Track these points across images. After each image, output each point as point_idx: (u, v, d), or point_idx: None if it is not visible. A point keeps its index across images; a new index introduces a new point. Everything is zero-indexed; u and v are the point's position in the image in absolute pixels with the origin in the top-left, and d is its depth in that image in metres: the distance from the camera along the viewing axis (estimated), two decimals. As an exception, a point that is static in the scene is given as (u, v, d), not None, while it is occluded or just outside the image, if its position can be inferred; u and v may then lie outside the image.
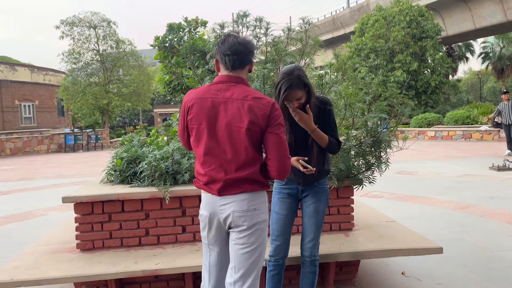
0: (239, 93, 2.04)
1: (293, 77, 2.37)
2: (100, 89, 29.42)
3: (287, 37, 3.86)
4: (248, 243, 2.10)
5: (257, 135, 2.04)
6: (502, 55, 43.01)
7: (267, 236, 2.23)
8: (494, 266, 3.88)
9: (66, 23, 29.06)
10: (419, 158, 12.41)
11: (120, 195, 3.21)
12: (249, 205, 2.08)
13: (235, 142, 2.03)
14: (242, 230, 2.10)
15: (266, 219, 2.17)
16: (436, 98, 27.60)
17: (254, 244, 2.11)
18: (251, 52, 2.11)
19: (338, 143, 2.61)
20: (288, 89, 2.36)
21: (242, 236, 2.10)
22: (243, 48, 2.06)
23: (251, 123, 2.00)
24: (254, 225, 2.10)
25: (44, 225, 5.91)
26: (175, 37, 7.31)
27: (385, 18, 27.05)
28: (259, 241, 2.13)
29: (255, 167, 2.07)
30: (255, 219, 2.10)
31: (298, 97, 2.40)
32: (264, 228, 2.16)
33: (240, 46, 2.06)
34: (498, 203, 6.38)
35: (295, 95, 2.39)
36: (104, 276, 2.84)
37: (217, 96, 2.06)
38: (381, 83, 24.38)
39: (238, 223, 2.09)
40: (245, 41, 2.09)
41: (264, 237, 2.17)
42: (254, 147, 2.05)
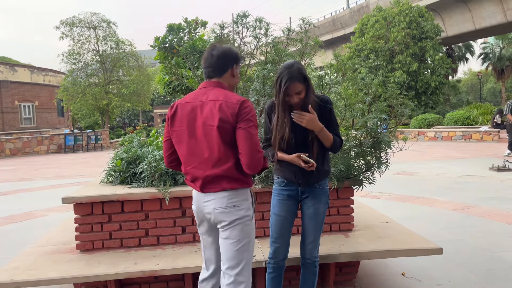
0: (214, 95, 2.21)
1: (293, 70, 2.40)
2: (100, 90, 29.42)
3: (287, 37, 3.86)
4: (231, 237, 2.24)
5: (228, 133, 2.16)
6: (502, 56, 43.00)
7: (254, 228, 2.31)
8: (494, 267, 3.88)
9: (66, 24, 29.05)
10: (419, 159, 12.41)
11: (120, 196, 3.21)
12: (228, 203, 2.22)
13: (209, 140, 2.18)
14: (224, 226, 2.24)
15: (249, 215, 2.26)
16: (436, 98, 27.61)
17: (236, 238, 2.23)
18: (226, 61, 2.25)
19: (341, 140, 2.60)
20: (288, 81, 2.38)
21: (224, 230, 2.25)
22: (216, 60, 2.24)
23: (221, 121, 2.14)
24: (234, 221, 2.22)
25: (43, 225, 5.91)
26: (175, 37, 7.31)
27: (385, 19, 27.06)
28: (242, 234, 2.24)
29: (229, 163, 2.19)
30: (234, 215, 2.22)
31: (298, 91, 2.41)
32: (247, 223, 2.26)
33: (213, 59, 2.25)
34: (498, 204, 6.37)
35: (295, 88, 2.40)
36: (104, 276, 2.83)
37: (195, 100, 2.25)
38: (381, 83, 24.37)
39: (219, 219, 2.24)
40: (219, 53, 2.25)
41: (249, 231, 2.27)
42: (227, 144, 2.18)
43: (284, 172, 2.60)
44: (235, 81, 2.34)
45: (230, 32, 3.81)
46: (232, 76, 2.30)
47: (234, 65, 2.29)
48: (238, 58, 2.31)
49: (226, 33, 3.80)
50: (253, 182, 2.33)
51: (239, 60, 2.32)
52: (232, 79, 2.31)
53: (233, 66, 2.29)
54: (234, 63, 2.29)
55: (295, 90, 2.41)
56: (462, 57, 45.40)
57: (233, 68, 2.29)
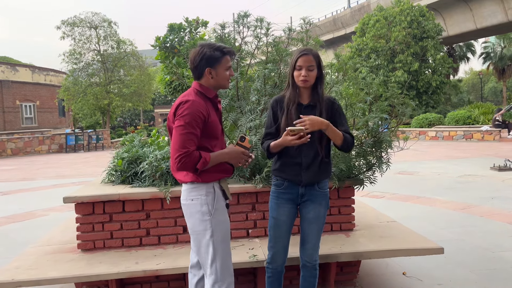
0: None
1: (311, 49, 2.49)
2: (101, 90, 29.42)
3: (288, 37, 3.86)
4: (191, 230, 2.33)
5: (171, 131, 2.29)
6: (503, 55, 42.93)
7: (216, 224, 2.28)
8: (495, 267, 3.88)
9: (67, 24, 29.06)
10: (420, 159, 12.40)
11: (121, 195, 3.21)
12: (186, 196, 2.32)
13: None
14: (186, 218, 2.36)
15: (204, 210, 2.27)
16: (437, 98, 27.58)
17: (195, 231, 2.30)
18: (198, 66, 2.28)
19: (352, 139, 2.54)
20: (304, 52, 2.43)
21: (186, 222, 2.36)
22: (191, 65, 2.31)
23: (169, 121, 2.30)
24: (191, 215, 2.30)
25: (45, 225, 5.91)
26: (176, 37, 7.31)
27: (386, 18, 27.04)
28: (200, 228, 2.28)
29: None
30: (190, 208, 2.30)
31: (310, 64, 2.42)
32: (202, 218, 2.27)
33: (189, 64, 2.32)
34: (499, 204, 6.37)
35: (308, 60, 2.42)
36: (105, 276, 2.84)
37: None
38: (382, 83, 24.07)
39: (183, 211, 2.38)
40: (191, 58, 2.30)
41: (206, 226, 2.27)
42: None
43: (284, 172, 2.53)
44: (217, 81, 2.31)
45: (231, 31, 3.81)
46: (211, 78, 2.29)
47: (208, 68, 2.26)
48: (211, 59, 2.26)
49: (227, 32, 3.80)
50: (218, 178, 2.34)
51: (214, 61, 2.26)
52: (212, 80, 2.30)
53: (208, 69, 2.26)
54: (208, 66, 2.26)
55: (307, 62, 2.42)
56: (463, 56, 45.36)
57: (209, 70, 2.27)
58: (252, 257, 3.00)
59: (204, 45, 2.28)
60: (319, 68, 2.48)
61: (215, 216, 2.29)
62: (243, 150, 2.31)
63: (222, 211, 2.33)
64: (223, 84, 2.36)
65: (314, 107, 2.49)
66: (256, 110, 3.44)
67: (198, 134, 2.20)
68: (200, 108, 2.21)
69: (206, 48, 2.26)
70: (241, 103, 3.58)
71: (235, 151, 2.30)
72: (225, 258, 2.31)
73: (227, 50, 2.31)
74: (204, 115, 2.21)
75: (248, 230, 3.42)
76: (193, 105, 2.19)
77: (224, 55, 2.29)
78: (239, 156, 2.31)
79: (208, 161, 2.20)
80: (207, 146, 2.28)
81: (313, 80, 2.46)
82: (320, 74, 2.49)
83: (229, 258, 2.35)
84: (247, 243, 3.29)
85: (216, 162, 2.26)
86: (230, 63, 2.35)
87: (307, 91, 2.52)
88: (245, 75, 3.86)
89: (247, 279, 3.41)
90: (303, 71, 2.43)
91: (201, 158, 2.17)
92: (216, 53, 2.26)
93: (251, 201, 3.40)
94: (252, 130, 3.39)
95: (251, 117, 3.38)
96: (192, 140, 2.16)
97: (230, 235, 2.38)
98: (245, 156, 2.32)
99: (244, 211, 3.41)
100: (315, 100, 2.49)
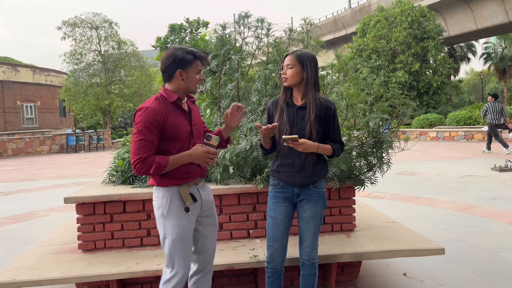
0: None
1: (298, 50, 2.58)
2: (101, 90, 29.43)
3: (288, 38, 3.86)
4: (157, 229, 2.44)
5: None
6: (504, 56, 42.88)
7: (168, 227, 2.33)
8: (496, 267, 3.87)
9: (68, 24, 29.09)
10: (420, 159, 12.39)
11: (121, 196, 3.21)
12: (153, 197, 2.42)
13: None
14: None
15: (162, 213, 2.35)
16: (437, 98, 27.55)
17: (160, 232, 2.38)
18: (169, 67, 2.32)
19: (342, 146, 2.62)
20: (287, 53, 2.60)
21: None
22: (161, 67, 2.35)
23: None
24: (155, 215, 2.39)
25: (46, 225, 5.92)
26: (177, 38, 7.32)
27: (386, 19, 27.02)
28: (163, 230, 2.36)
29: None
30: (155, 209, 2.40)
31: (289, 63, 2.54)
32: (158, 219, 2.37)
33: (160, 66, 2.36)
34: (500, 204, 6.36)
35: (288, 59, 2.55)
36: (106, 276, 2.84)
37: None
38: (382, 83, 24.06)
39: None
40: (162, 59, 2.34)
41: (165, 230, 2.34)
42: None
43: (279, 173, 2.60)
44: (187, 84, 2.35)
45: (231, 32, 3.81)
46: (181, 80, 2.33)
47: (180, 70, 2.30)
48: (183, 62, 2.30)
49: (228, 33, 3.81)
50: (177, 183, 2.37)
51: (185, 63, 2.31)
52: (182, 83, 2.33)
53: (179, 71, 2.30)
54: (179, 68, 2.30)
55: (287, 61, 2.54)
56: (464, 57, 45.30)
57: (180, 72, 2.31)
58: (253, 257, 3.00)
59: (176, 48, 2.33)
60: (308, 69, 2.51)
61: (168, 219, 2.34)
62: (206, 149, 2.32)
63: (178, 214, 2.34)
64: (193, 88, 2.39)
65: (306, 108, 2.54)
66: (257, 110, 3.45)
67: (152, 139, 2.25)
68: (154, 114, 2.24)
69: (179, 50, 2.31)
70: (241, 104, 3.58)
71: (197, 151, 2.32)
72: (180, 258, 2.36)
73: (199, 55, 2.36)
74: (159, 120, 2.25)
75: (249, 231, 3.42)
76: (146, 112, 2.24)
77: (196, 59, 2.34)
78: (203, 155, 2.32)
79: (165, 165, 2.25)
80: (168, 149, 2.32)
81: (293, 78, 2.53)
82: (312, 76, 2.51)
83: (183, 259, 2.37)
84: (248, 244, 3.30)
85: (177, 163, 2.31)
86: (201, 68, 2.39)
87: (300, 93, 2.57)
88: (245, 75, 3.87)
89: (248, 280, 3.41)
90: (284, 71, 2.56)
91: (155, 163, 2.22)
92: (188, 56, 2.31)
93: (251, 202, 3.41)
94: (252, 131, 3.40)
95: (252, 118, 3.39)
96: (146, 146, 2.23)
97: (188, 238, 2.38)
98: (209, 155, 2.33)
99: (245, 212, 3.41)
100: (306, 101, 2.54)
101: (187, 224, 2.36)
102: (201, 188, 2.49)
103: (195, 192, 2.42)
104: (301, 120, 2.52)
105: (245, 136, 3.38)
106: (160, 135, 2.28)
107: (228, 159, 3.38)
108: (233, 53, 3.63)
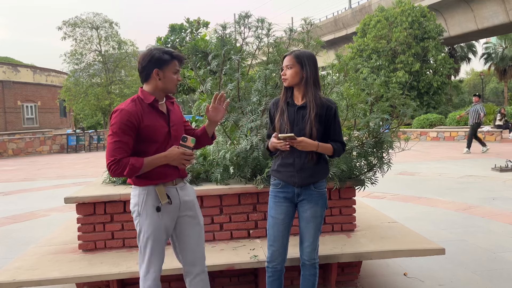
0: None
1: (297, 50, 2.59)
2: (102, 90, 29.45)
3: (289, 38, 3.86)
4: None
5: None
6: (505, 56, 42.89)
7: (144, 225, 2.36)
8: (496, 267, 3.87)
9: (68, 24, 29.10)
10: (421, 159, 12.39)
11: (122, 196, 3.21)
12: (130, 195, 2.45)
13: None
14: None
15: (134, 210, 2.39)
16: (438, 99, 27.55)
17: (136, 229, 2.41)
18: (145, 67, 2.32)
19: (343, 146, 2.61)
20: (287, 53, 2.59)
21: None
22: (139, 67, 2.36)
23: None
24: (132, 213, 2.43)
25: (46, 225, 5.92)
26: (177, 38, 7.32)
27: (387, 19, 27.02)
28: (138, 227, 2.40)
29: None
30: (131, 207, 2.43)
31: (288, 63, 2.55)
32: (136, 219, 2.40)
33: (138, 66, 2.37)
34: (500, 204, 6.36)
35: (287, 59, 2.56)
36: (106, 276, 2.84)
37: None
38: (383, 83, 24.12)
39: None
40: (139, 60, 2.36)
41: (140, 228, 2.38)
42: None
43: (280, 173, 2.60)
44: (165, 84, 2.35)
45: (232, 32, 3.81)
46: (158, 80, 2.33)
47: (156, 69, 2.30)
48: (159, 61, 2.30)
49: (228, 33, 3.81)
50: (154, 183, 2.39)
51: (162, 63, 2.31)
52: (159, 82, 2.33)
53: (156, 70, 2.30)
54: (155, 67, 2.30)
55: (287, 62, 2.55)
56: (465, 57, 45.31)
57: (157, 72, 2.31)
58: (253, 257, 3.00)
59: (153, 49, 2.34)
60: (307, 68, 2.52)
61: (142, 217, 2.37)
62: (182, 151, 2.32)
63: (152, 214, 2.35)
64: (171, 88, 2.39)
65: (306, 108, 2.54)
66: (257, 110, 3.45)
67: (127, 141, 2.25)
68: (129, 116, 2.24)
69: (155, 50, 2.32)
70: (242, 104, 3.58)
71: (173, 152, 2.32)
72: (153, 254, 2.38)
73: (176, 55, 2.36)
74: (134, 122, 2.25)
75: (249, 231, 3.42)
76: (120, 114, 2.24)
77: (173, 59, 2.34)
78: (179, 156, 2.32)
79: (139, 166, 2.25)
80: (145, 151, 2.32)
81: (293, 78, 2.54)
82: (311, 75, 2.52)
83: (156, 255, 2.39)
84: (248, 244, 3.30)
85: (153, 165, 2.31)
86: (179, 68, 2.38)
87: (301, 92, 2.57)
88: (246, 75, 3.86)
89: (248, 280, 3.41)
90: (284, 72, 2.57)
91: (129, 165, 2.23)
92: (165, 56, 2.31)
93: (252, 202, 3.41)
94: (253, 131, 3.39)
95: (252, 118, 3.38)
96: (120, 148, 2.23)
97: (161, 237, 2.39)
98: (185, 156, 2.33)
99: (245, 212, 3.41)
100: (306, 101, 2.54)
101: (161, 223, 2.38)
102: (181, 188, 2.47)
103: (173, 192, 2.42)
104: (301, 120, 2.52)
105: (246, 136, 3.37)
106: (136, 136, 2.28)
107: (228, 159, 3.38)
108: (234, 53, 3.62)
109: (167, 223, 2.40)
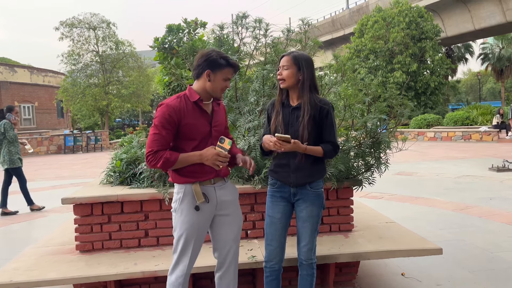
0: None
1: (293, 52, 2.58)
2: (99, 90, 29.40)
3: (286, 38, 3.86)
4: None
5: None
6: (502, 56, 43.00)
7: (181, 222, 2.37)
8: (494, 267, 3.88)
9: (65, 25, 29.05)
10: (418, 159, 12.42)
11: (119, 196, 3.21)
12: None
13: None
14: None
15: (174, 208, 2.41)
16: (435, 99, 27.63)
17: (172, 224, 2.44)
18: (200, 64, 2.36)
19: (334, 147, 2.57)
20: (283, 54, 2.59)
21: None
22: (195, 62, 2.39)
23: None
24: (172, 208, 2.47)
25: (43, 226, 5.91)
26: (175, 38, 7.31)
27: (384, 19, 27.08)
28: (174, 223, 2.42)
29: None
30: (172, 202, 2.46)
31: (284, 64, 2.55)
32: (173, 215, 2.43)
33: (194, 61, 2.41)
34: (497, 204, 6.38)
35: (284, 60, 2.55)
36: (104, 277, 2.83)
37: None
38: (380, 84, 24.16)
39: None
40: (198, 56, 2.39)
41: (175, 224, 2.41)
42: None
43: (276, 173, 2.62)
44: (212, 87, 2.36)
45: (229, 32, 3.81)
46: (208, 81, 2.35)
47: (209, 70, 2.33)
48: (214, 64, 2.32)
49: (226, 33, 3.81)
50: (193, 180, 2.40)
51: (216, 66, 2.33)
52: (208, 83, 2.36)
53: (208, 71, 2.33)
54: (208, 68, 2.33)
55: (283, 62, 2.54)
56: (462, 57, 45.41)
57: (208, 73, 2.33)
58: (251, 258, 3.00)
59: (214, 50, 2.38)
60: (304, 70, 2.52)
61: (177, 214, 2.40)
62: (217, 152, 2.33)
63: (189, 212, 2.36)
64: (217, 92, 2.40)
65: (300, 109, 2.54)
66: (255, 111, 3.45)
67: (166, 135, 2.30)
68: (170, 111, 2.29)
69: (214, 52, 2.36)
70: (239, 104, 3.58)
71: (208, 152, 2.34)
72: (183, 251, 2.39)
73: (232, 63, 2.38)
74: (174, 118, 2.29)
75: (247, 231, 3.42)
76: (163, 108, 2.30)
77: (228, 66, 2.36)
78: (212, 157, 2.32)
79: (173, 160, 2.30)
80: (183, 147, 2.37)
81: (289, 79, 2.53)
82: (308, 77, 2.52)
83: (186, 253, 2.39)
84: (246, 244, 3.29)
85: (188, 162, 2.34)
86: (231, 76, 2.40)
87: (296, 93, 2.58)
88: (243, 76, 3.86)
89: (246, 280, 3.41)
90: (280, 72, 2.57)
91: (163, 158, 2.27)
92: (221, 60, 2.34)
93: (249, 202, 3.41)
94: (250, 131, 3.39)
95: (250, 118, 3.39)
96: (158, 140, 2.29)
97: (194, 235, 2.39)
98: (219, 157, 2.33)
99: (243, 212, 3.39)
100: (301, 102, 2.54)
101: (196, 222, 2.38)
102: (219, 187, 2.48)
103: (210, 191, 2.42)
104: (296, 121, 2.53)
105: (243, 136, 3.37)
106: (176, 132, 2.33)
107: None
108: (231, 53, 3.62)
109: (201, 222, 2.40)
